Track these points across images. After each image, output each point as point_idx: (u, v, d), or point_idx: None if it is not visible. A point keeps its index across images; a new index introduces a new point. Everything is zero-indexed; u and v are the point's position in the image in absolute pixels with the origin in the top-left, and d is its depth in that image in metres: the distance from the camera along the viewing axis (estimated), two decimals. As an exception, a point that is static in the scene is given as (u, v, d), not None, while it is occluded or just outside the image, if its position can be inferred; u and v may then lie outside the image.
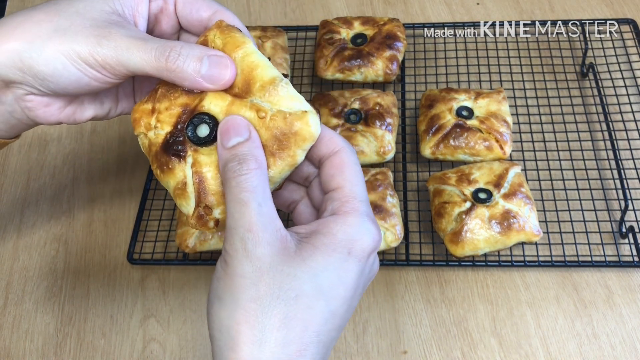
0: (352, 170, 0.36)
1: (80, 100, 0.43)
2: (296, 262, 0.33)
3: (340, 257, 0.33)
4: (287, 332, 0.31)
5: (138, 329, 0.58)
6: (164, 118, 0.38)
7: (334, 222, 0.34)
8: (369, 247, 0.34)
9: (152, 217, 0.64)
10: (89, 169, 0.69)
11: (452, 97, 0.65)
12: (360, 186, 0.36)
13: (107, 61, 0.37)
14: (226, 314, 0.32)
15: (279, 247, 0.33)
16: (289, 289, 0.32)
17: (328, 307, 0.33)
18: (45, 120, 0.42)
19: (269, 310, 0.32)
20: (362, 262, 0.34)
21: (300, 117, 0.36)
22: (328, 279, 0.33)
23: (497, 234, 0.56)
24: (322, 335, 0.32)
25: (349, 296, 0.34)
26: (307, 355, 0.32)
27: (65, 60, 0.37)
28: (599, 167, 0.64)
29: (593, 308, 0.56)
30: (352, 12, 0.82)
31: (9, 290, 0.61)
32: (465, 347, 0.54)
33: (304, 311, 0.32)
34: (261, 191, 0.34)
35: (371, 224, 0.35)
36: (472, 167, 0.60)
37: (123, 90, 0.45)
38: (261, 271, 0.32)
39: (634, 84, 0.69)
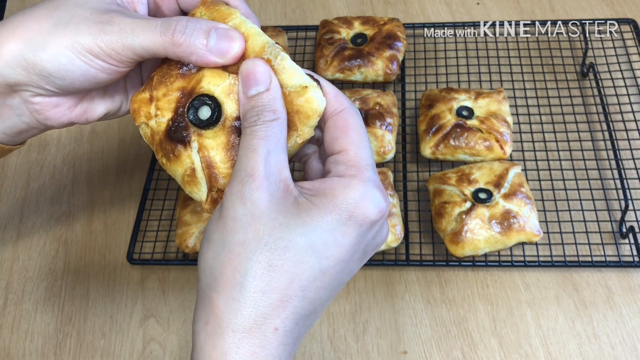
0: (356, 132, 0.35)
1: (90, 97, 0.42)
2: (292, 214, 0.32)
3: (338, 219, 0.32)
4: (269, 280, 0.31)
5: (138, 329, 0.58)
6: (163, 105, 0.37)
7: (337, 184, 0.33)
8: (373, 214, 0.33)
9: (152, 217, 0.64)
10: (89, 169, 0.69)
11: (452, 97, 0.65)
12: (366, 150, 0.34)
13: (113, 46, 0.36)
14: (212, 255, 0.32)
15: (278, 197, 0.32)
16: (279, 238, 0.31)
17: (319, 264, 0.32)
18: (56, 121, 0.41)
19: (254, 256, 0.31)
20: (364, 228, 0.33)
21: (300, 93, 0.34)
22: (321, 237, 0.32)
23: (497, 234, 0.56)
24: (308, 291, 0.32)
25: (345, 259, 0.33)
26: (288, 307, 0.31)
27: (70, 53, 0.36)
28: (599, 167, 0.64)
29: (593, 308, 0.56)
30: (352, 12, 0.82)
31: (9, 290, 0.61)
32: (465, 347, 0.54)
33: (291, 263, 0.31)
34: (274, 140, 0.33)
35: (377, 190, 0.33)
36: (472, 167, 0.60)
37: (131, 83, 0.44)
38: (253, 216, 0.32)
39: (634, 84, 0.69)
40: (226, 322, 0.31)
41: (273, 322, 0.31)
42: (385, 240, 0.36)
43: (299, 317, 0.32)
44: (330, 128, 0.35)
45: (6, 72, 0.37)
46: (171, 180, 0.66)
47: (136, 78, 0.44)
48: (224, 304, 0.31)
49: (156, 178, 0.67)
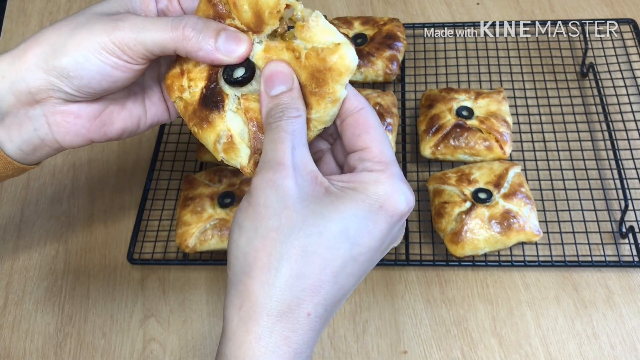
0: (377, 130, 0.36)
1: (109, 111, 0.43)
2: (325, 203, 0.33)
3: (371, 209, 0.33)
4: (304, 265, 0.32)
5: (138, 329, 0.58)
6: (194, 76, 0.39)
7: (367, 177, 0.34)
8: (402, 207, 0.34)
9: (152, 217, 0.64)
10: (89, 168, 0.69)
11: (452, 97, 0.65)
12: (388, 147, 0.36)
13: (125, 42, 0.38)
14: (245, 241, 0.33)
15: (307, 188, 0.33)
16: (313, 224, 0.32)
17: (351, 251, 0.32)
18: (74, 134, 0.42)
19: (288, 241, 0.32)
20: (394, 219, 0.34)
21: (333, 50, 0.34)
22: (356, 225, 0.33)
23: (497, 234, 0.56)
24: (339, 277, 0.32)
25: (374, 247, 0.34)
26: (321, 292, 0.32)
27: (86, 52, 0.38)
28: (599, 167, 0.64)
29: (593, 308, 0.56)
30: (352, 12, 0.82)
31: (9, 290, 0.61)
32: (465, 347, 0.54)
33: (325, 249, 0.32)
34: (298, 136, 0.35)
35: (405, 186, 0.34)
36: (472, 167, 0.60)
37: (149, 98, 0.45)
38: (286, 203, 0.32)
39: (634, 84, 0.69)
40: (261, 307, 0.31)
41: (306, 307, 0.32)
42: (401, 238, 0.37)
43: (329, 304, 0.32)
44: (350, 125, 0.36)
45: (28, 77, 0.38)
46: (171, 180, 0.66)
47: (155, 94, 0.45)
48: (259, 288, 0.32)
49: (156, 178, 0.67)
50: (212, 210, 0.59)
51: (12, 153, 0.42)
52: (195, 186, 0.61)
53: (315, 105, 0.36)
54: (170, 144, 0.69)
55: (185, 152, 0.68)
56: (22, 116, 0.40)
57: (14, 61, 0.39)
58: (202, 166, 0.67)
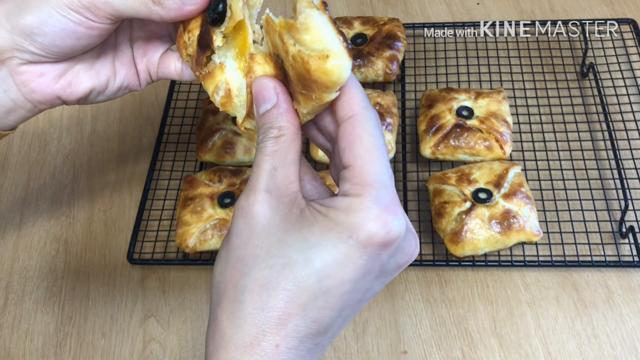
0: (363, 144, 0.31)
1: (75, 70, 0.42)
2: (292, 230, 0.31)
3: (338, 238, 0.30)
4: (267, 298, 0.30)
5: (138, 328, 0.58)
6: (192, 27, 0.39)
7: (341, 203, 0.31)
8: (378, 236, 0.30)
9: (152, 217, 0.64)
10: (89, 168, 0.69)
11: (452, 97, 0.65)
12: (374, 163, 0.31)
13: (92, 1, 0.37)
14: (219, 271, 0.33)
15: (282, 211, 0.32)
16: (277, 255, 0.31)
17: (319, 284, 0.30)
18: (41, 93, 0.41)
19: (252, 273, 0.31)
20: (371, 249, 0.30)
21: (319, 61, 0.30)
22: (320, 256, 0.30)
23: (497, 233, 0.56)
24: (309, 310, 0.30)
25: (351, 279, 0.30)
26: (288, 325, 0.30)
27: (50, 8, 0.37)
28: (599, 167, 0.64)
29: (593, 308, 0.56)
30: (352, 12, 0.82)
31: (9, 290, 0.61)
32: (465, 347, 0.54)
33: (289, 281, 0.30)
34: (280, 156, 0.33)
35: (384, 211, 0.30)
36: (472, 167, 0.60)
37: (120, 60, 0.44)
38: (253, 231, 0.31)
39: (634, 84, 0.69)
40: (228, 337, 0.31)
41: (273, 338, 0.30)
42: (413, 256, 0.33)
43: (303, 336, 0.31)
44: (340, 137, 0.32)
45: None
46: (171, 180, 0.67)
47: (126, 57, 0.44)
48: (226, 319, 0.31)
49: (156, 178, 0.67)
50: (212, 210, 0.59)
51: None
52: (195, 186, 0.61)
53: (303, 103, 0.33)
54: (170, 144, 0.69)
55: (185, 152, 0.68)
56: None
57: None
58: (202, 166, 0.67)
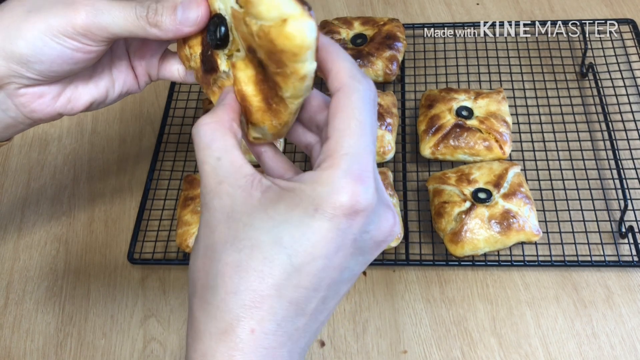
0: (345, 115, 0.30)
1: (74, 86, 0.42)
2: (256, 212, 0.30)
3: (303, 213, 0.29)
4: (239, 281, 0.29)
5: (138, 328, 0.58)
6: (192, 43, 0.38)
7: (307, 176, 0.30)
8: (344, 206, 0.29)
9: (152, 217, 0.64)
10: (90, 168, 0.69)
11: (452, 97, 0.65)
12: (352, 136, 0.30)
13: (88, 28, 0.36)
14: (192, 261, 0.33)
15: (240, 196, 0.31)
16: (245, 238, 0.30)
17: (290, 261, 0.29)
18: (41, 112, 0.41)
19: (222, 258, 0.30)
20: (339, 220, 0.29)
21: (279, 28, 0.28)
22: (288, 232, 0.29)
23: (496, 233, 0.56)
24: (284, 289, 0.29)
25: (323, 255, 0.29)
26: (263, 306, 0.29)
27: (44, 36, 0.37)
28: (598, 167, 0.64)
29: (593, 308, 0.56)
30: (352, 12, 0.82)
31: (10, 290, 0.61)
32: (465, 346, 0.54)
33: (259, 262, 0.29)
34: (219, 142, 0.32)
35: (352, 180, 0.29)
36: (472, 167, 0.61)
37: (117, 68, 0.44)
38: (218, 220, 0.31)
39: (633, 84, 0.70)
40: (203, 326, 0.30)
41: (248, 323, 0.29)
42: (391, 234, 0.32)
43: (280, 319, 0.30)
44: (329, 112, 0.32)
45: None
46: (172, 180, 0.67)
47: (123, 63, 0.44)
48: (199, 308, 0.31)
49: (157, 178, 0.67)
50: (212, 210, 0.59)
51: None
52: (196, 186, 0.61)
53: (283, 85, 0.31)
54: (171, 144, 0.69)
55: (185, 152, 0.69)
56: None
57: None
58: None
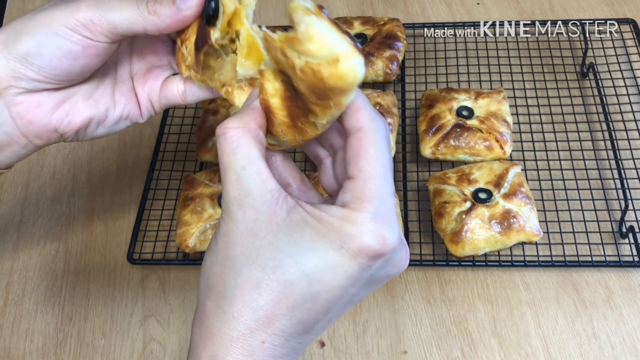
0: (368, 158, 0.32)
1: (73, 100, 0.42)
2: (282, 233, 0.31)
3: (330, 246, 0.30)
4: (257, 297, 0.31)
5: (138, 328, 0.58)
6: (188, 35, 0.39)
7: (338, 212, 0.31)
8: (370, 248, 0.30)
9: (152, 217, 0.64)
10: (89, 168, 0.69)
11: (452, 97, 0.65)
12: (378, 178, 0.31)
13: (90, 18, 0.37)
14: (208, 264, 0.33)
15: (266, 213, 0.31)
16: (269, 257, 0.31)
17: (309, 287, 0.31)
18: (37, 124, 0.41)
19: (242, 272, 0.31)
20: (362, 260, 0.31)
21: (330, 67, 0.28)
22: (312, 262, 0.30)
23: (497, 233, 0.56)
24: (297, 311, 0.31)
25: (340, 286, 0.31)
26: (275, 324, 0.31)
27: (47, 29, 0.37)
28: (599, 167, 0.64)
29: (593, 308, 0.56)
30: (352, 12, 0.82)
31: (9, 290, 0.61)
32: (465, 347, 0.54)
33: (280, 284, 0.30)
34: (245, 152, 0.32)
35: (379, 225, 0.31)
36: (472, 167, 0.60)
37: (120, 90, 0.44)
38: (242, 234, 0.31)
39: (634, 83, 0.69)
40: (216, 329, 0.31)
41: (260, 335, 0.31)
42: (402, 268, 0.34)
43: (289, 335, 0.31)
44: (347, 149, 0.33)
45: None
46: (171, 180, 0.66)
47: (125, 88, 0.44)
48: (215, 312, 0.32)
49: (156, 178, 0.67)
50: (212, 210, 0.59)
51: None
52: (195, 186, 0.61)
53: (320, 114, 0.32)
54: (170, 144, 0.69)
55: (185, 152, 0.68)
56: None
57: None
58: (202, 166, 0.67)
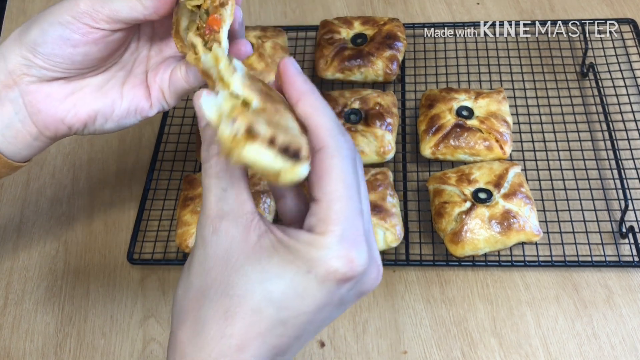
0: (331, 179, 0.31)
1: (82, 93, 0.43)
2: (250, 260, 0.31)
3: (297, 272, 0.30)
4: (226, 327, 0.31)
5: (138, 329, 0.58)
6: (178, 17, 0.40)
7: (304, 237, 0.31)
8: (338, 273, 0.30)
9: (152, 217, 0.64)
10: (89, 168, 0.69)
11: (452, 97, 0.65)
12: (342, 200, 0.30)
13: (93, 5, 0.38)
14: (181, 294, 0.33)
15: (239, 237, 0.32)
16: (236, 285, 0.31)
17: (278, 314, 0.31)
18: (46, 114, 0.42)
19: (213, 302, 0.31)
20: (329, 284, 0.30)
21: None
22: (279, 288, 0.30)
23: (497, 233, 0.56)
24: (268, 338, 0.31)
25: (310, 311, 0.31)
26: (247, 351, 0.31)
27: (53, 19, 0.39)
28: (599, 167, 0.64)
29: (593, 308, 0.56)
30: (352, 12, 0.82)
31: (9, 290, 0.61)
32: (465, 347, 0.54)
33: (248, 312, 0.31)
34: (227, 175, 0.32)
35: (346, 249, 0.30)
36: (472, 167, 0.60)
37: (130, 82, 0.44)
38: (214, 262, 0.32)
39: (634, 83, 0.69)
40: (189, 354, 0.32)
41: None
42: (374, 286, 0.34)
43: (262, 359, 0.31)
44: (311, 169, 0.31)
45: (7, 54, 0.40)
46: (171, 180, 0.66)
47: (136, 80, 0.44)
48: (188, 341, 0.32)
49: (156, 178, 0.67)
50: (212, 210, 0.59)
51: None
52: (195, 186, 0.61)
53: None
54: (170, 144, 0.69)
55: (185, 152, 0.68)
56: (3, 98, 0.41)
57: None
58: (202, 166, 0.67)
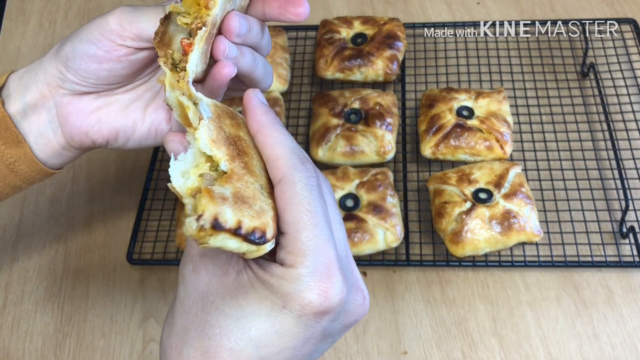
0: (293, 209, 0.31)
1: (107, 110, 0.44)
2: (228, 298, 0.32)
3: (272, 308, 0.31)
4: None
5: (138, 329, 0.57)
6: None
7: (276, 270, 0.31)
8: (312, 305, 0.30)
9: (151, 217, 0.64)
10: (89, 168, 0.69)
11: (453, 97, 0.65)
12: (307, 229, 0.30)
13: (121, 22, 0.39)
14: (165, 335, 0.34)
15: (218, 274, 0.33)
16: (215, 324, 0.31)
17: (257, 352, 0.31)
18: (72, 125, 0.43)
19: (191, 342, 0.32)
20: (306, 319, 0.31)
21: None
22: (256, 325, 0.31)
23: (497, 234, 0.56)
24: None
25: (290, 347, 0.31)
26: None
27: (84, 35, 0.41)
28: (599, 167, 0.64)
29: (594, 308, 0.56)
30: (352, 11, 0.82)
31: (9, 291, 0.61)
32: (465, 347, 0.54)
33: (227, 351, 0.31)
34: None
35: (318, 281, 0.30)
36: (473, 167, 0.60)
37: (155, 104, 0.45)
38: (194, 299, 0.33)
39: (634, 83, 0.69)
40: None
41: None
42: (362, 314, 0.34)
43: None
44: (275, 202, 0.32)
45: (46, 65, 0.42)
46: (171, 180, 0.66)
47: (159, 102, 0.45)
48: None
49: (156, 178, 0.67)
50: (212, 210, 0.59)
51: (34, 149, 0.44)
52: (195, 186, 0.61)
53: None
54: (170, 144, 0.69)
55: (185, 152, 0.68)
56: (40, 107, 0.43)
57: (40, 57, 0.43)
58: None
